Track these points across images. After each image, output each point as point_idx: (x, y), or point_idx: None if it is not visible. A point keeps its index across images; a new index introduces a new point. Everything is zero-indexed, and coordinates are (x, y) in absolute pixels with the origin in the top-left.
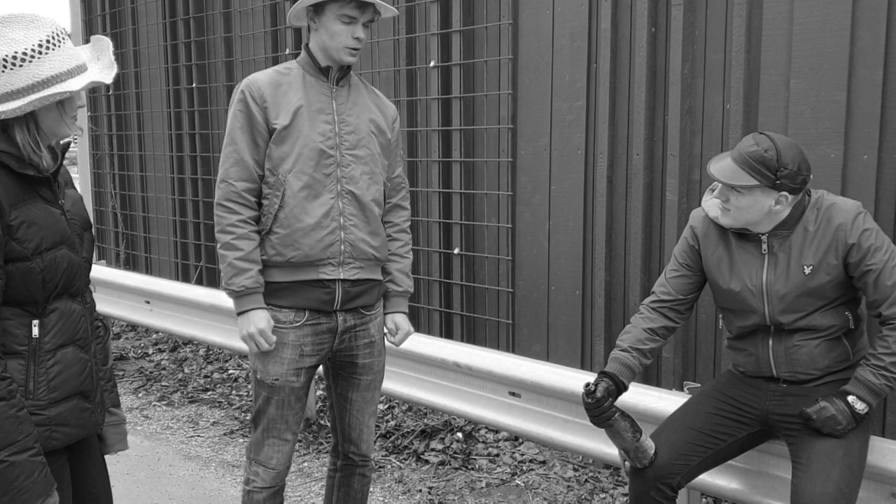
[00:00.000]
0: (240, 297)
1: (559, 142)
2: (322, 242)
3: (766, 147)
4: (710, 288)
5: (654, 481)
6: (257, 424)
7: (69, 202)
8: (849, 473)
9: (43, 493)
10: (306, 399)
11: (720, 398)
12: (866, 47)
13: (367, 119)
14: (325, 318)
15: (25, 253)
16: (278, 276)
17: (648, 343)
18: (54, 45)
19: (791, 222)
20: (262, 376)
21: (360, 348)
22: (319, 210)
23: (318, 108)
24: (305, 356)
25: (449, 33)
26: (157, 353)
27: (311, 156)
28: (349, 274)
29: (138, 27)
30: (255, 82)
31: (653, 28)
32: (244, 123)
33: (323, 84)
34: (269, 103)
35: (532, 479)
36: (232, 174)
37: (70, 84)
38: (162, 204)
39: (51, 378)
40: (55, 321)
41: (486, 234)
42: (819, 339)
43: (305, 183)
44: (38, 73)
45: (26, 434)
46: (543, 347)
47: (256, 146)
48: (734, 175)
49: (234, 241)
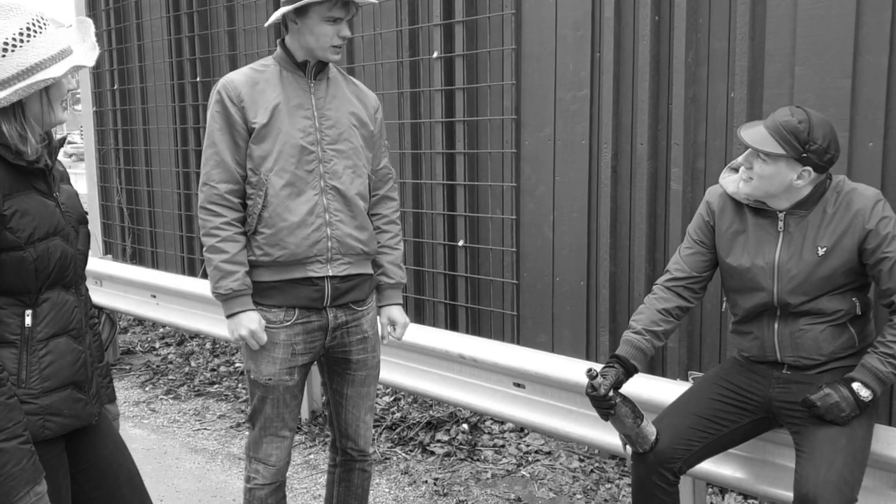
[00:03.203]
0: (228, 299)
1: (563, 132)
2: (308, 240)
3: (801, 119)
4: (719, 269)
5: (656, 466)
6: (254, 423)
7: (64, 196)
8: (852, 461)
9: (31, 480)
10: (302, 396)
11: (723, 384)
12: (871, 33)
13: (348, 112)
14: (316, 316)
15: (18, 242)
16: (266, 275)
17: (662, 325)
18: (36, 31)
19: (810, 202)
20: (255, 376)
21: (353, 344)
22: (303, 207)
23: (296, 103)
24: (298, 355)
25: (452, 24)
26: (164, 347)
27: (292, 153)
28: (338, 270)
29: (142, 21)
30: (231, 82)
31: (656, 16)
32: (223, 125)
33: (301, 79)
34: (247, 102)
35: (538, 469)
36: (214, 176)
37: (53, 70)
38: (167, 198)
39: (43, 367)
40: (48, 311)
41: (491, 226)
42: (825, 324)
43: (287, 181)
44: (22, 61)
45: (15, 422)
46: (548, 338)
47: (237, 147)
48: (763, 141)
49: (218, 243)
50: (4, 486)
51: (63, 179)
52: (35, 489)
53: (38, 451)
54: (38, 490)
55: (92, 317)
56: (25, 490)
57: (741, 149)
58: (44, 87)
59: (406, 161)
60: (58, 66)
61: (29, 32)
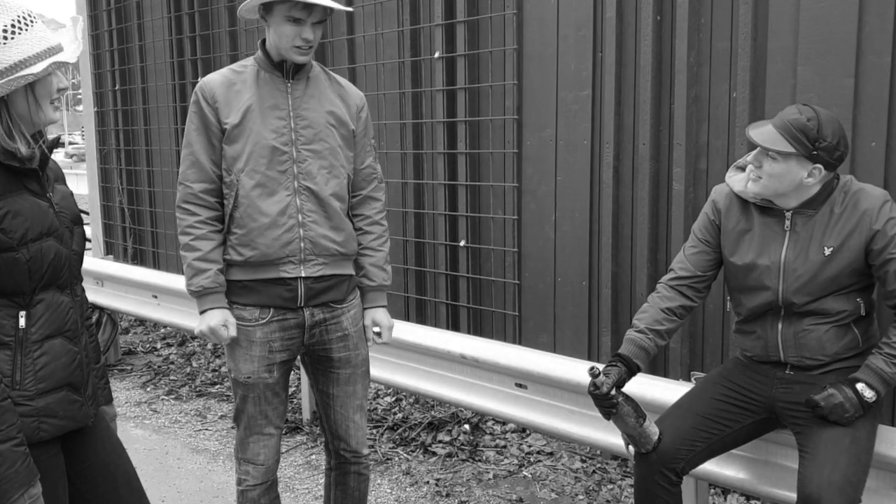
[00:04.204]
0: (199, 296)
1: (565, 132)
2: (279, 241)
3: (809, 117)
4: (723, 269)
5: (659, 466)
6: (239, 423)
7: (58, 196)
8: (856, 462)
9: (25, 483)
10: (285, 394)
11: (726, 385)
12: (874, 32)
13: (325, 111)
14: (292, 314)
15: (11, 243)
16: (239, 274)
17: (665, 324)
18: (22, 28)
19: (818, 202)
20: (235, 375)
21: (333, 342)
22: (274, 208)
23: (271, 104)
24: (275, 352)
25: (453, 24)
26: (166, 348)
27: (263, 153)
28: (311, 271)
29: (143, 22)
30: (208, 83)
31: (658, 16)
32: (199, 125)
33: (278, 79)
34: (220, 103)
35: (540, 470)
36: (189, 176)
37: (34, 67)
38: (169, 198)
39: (38, 369)
40: (42, 312)
41: (492, 226)
42: (829, 325)
43: (258, 181)
44: (6, 58)
45: (9, 424)
46: (550, 339)
47: (212, 147)
48: (773, 140)
49: (192, 241)
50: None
51: (58, 180)
52: (30, 491)
53: (33, 453)
54: (32, 492)
55: (88, 318)
56: (20, 493)
57: (743, 149)
58: (27, 85)
59: (408, 161)
60: (42, 63)
61: (14, 30)
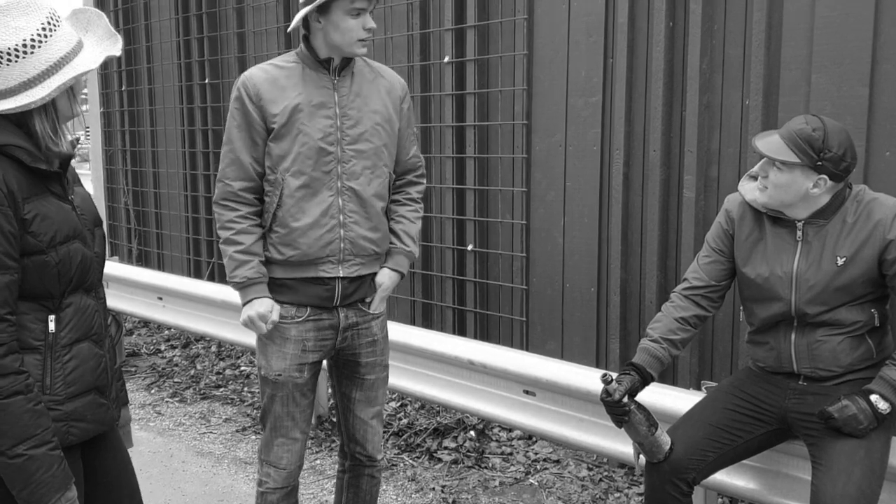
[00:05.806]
0: (243, 287)
1: (574, 138)
2: (320, 241)
3: (815, 127)
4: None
5: (670, 476)
6: (265, 423)
7: (78, 198)
8: (870, 474)
9: (61, 486)
10: (313, 397)
11: (738, 395)
12: (889, 41)
13: (371, 110)
14: (327, 315)
15: (41, 246)
16: (279, 272)
17: (679, 333)
18: (55, 25)
19: (829, 211)
20: (265, 372)
21: (362, 347)
22: (317, 209)
23: (318, 102)
24: (308, 352)
25: (463, 28)
26: (170, 350)
27: (310, 154)
28: (349, 271)
29: (151, 23)
30: (251, 79)
31: (671, 22)
32: (241, 122)
33: (324, 76)
34: (266, 100)
35: (546, 477)
36: (228, 174)
37: (86, 62)
38: (174, 200)
39: (67, 373)
40: (71, 316)
41: (501, 231)
42: (843, 336)
43: (303, 182)
44: (48, 57)
45: (44, 428)
46: (558, 345)
47: (254, 144)
48: (777, 150)
49: (233, 236)
50: (36, 494)
51: (76, 181)
52: (66, 495)
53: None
54: (69, 496)
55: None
56: (56, 496)
57: (755, 157)
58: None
59: None
60: (82, 58)
61: (50, 27)
